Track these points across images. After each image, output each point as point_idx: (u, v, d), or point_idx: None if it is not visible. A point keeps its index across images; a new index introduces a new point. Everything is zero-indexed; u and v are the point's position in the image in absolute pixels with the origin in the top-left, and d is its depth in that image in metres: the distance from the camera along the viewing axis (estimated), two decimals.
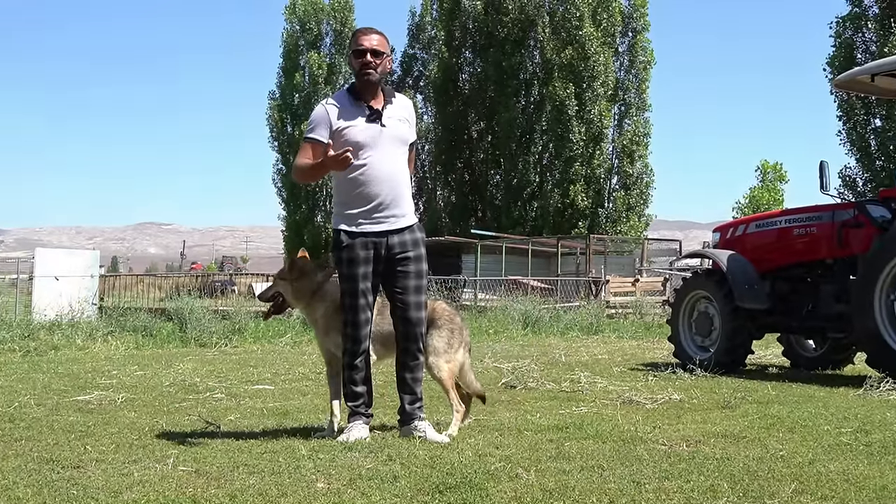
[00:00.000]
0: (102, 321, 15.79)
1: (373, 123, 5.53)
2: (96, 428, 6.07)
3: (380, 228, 5.54)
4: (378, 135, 5.52)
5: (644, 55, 43.09)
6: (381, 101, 5.61)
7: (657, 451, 5.09)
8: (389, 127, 5.56)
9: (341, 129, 5.51)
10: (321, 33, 52.34)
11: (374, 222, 5.54)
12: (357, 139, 5.49)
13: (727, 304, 10.14)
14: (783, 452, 5.08)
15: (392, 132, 5.57)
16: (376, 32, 5.66)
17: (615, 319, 20.98)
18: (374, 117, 5.54)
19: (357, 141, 5.48)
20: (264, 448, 5.15)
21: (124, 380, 9.28)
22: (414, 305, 5.57)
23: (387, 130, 5.55)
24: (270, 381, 9.29)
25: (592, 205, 41.92)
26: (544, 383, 8.62)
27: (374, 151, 5.50)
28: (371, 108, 5.56)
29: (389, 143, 5.55)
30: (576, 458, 4.85)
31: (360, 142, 5.49)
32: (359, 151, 5.47)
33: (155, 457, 4.93)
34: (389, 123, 5.57)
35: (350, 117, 5.54)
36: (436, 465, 4.64)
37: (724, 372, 9.65)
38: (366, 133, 5.51)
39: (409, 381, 5.61)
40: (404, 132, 5.65)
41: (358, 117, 5.54)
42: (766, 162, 50.98)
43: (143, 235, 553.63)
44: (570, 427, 5.97)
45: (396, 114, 5.63)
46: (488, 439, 5.52)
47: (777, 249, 10.33)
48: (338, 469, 4.56)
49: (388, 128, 5.55)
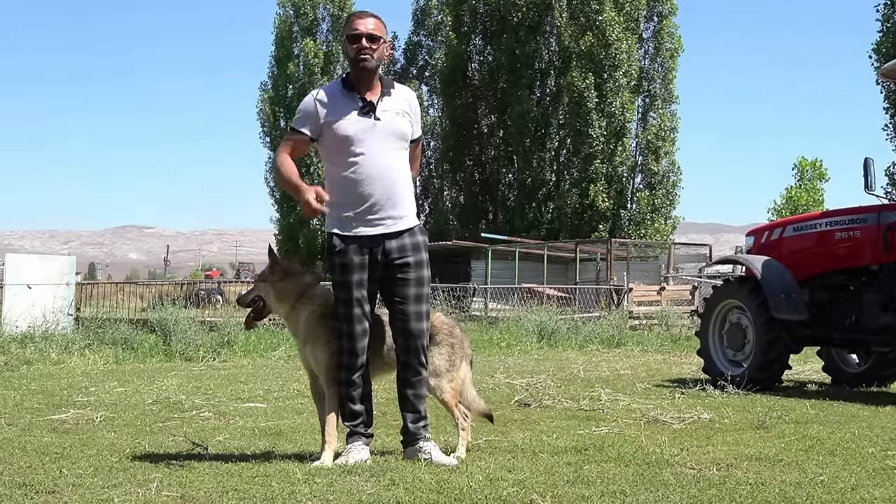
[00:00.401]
0: (79, 333, 15.80)
1: (366, 117, 5.53)
2: (73, 449, 6.09)
3: (375, 232, 5.54)
4: (371, 129, 5.52)
5: (671, 42, 43.07)
6: (378, 93, 5.61)
7: (685, 476, 5.09)
8: (384, 120, 5.56)
9: (331, 123, 5.53)
10: (317, 19, 52.48)
11: (368, 225, 5.54)
12: (347, 133, 5.50)
13: (762, 315, 10.12)
14: (823, 477, 5.08)
15: (387, 126, 5.56)
16: (372, 16, 5.66)
17: (639, 331, 20.96)
18: (368, 110, 5.54)
19: (347, 135, 5.50)
20: (256, 471, 5.16)
21: (103, 397, 9.29)
22: (415, 316, 5.56)
23: (381, 124, 5.55)
24: (262, 398, 9.30)
25: (614, 206, 41.91)
26: (561, 401, 8.62)
27: (366, 147, 5.50)
28: (364, 99, 5.56)
29: (384, 139, 5.55)
30: (596, 483, 4.86)
31: (350, 136, 5.50)
32: (350, 147, 5.50)
33: (137, 481, 4.94)
34: (385, 117, 5.56)
35: (341, 109, 5.55)
36: (443, 490, 4.65)
37: (758, 389, 9.63)
38: (357, 127, 5.51)
39: (411, 398, 5.61)
40: (402, 126, 5.64)
41: (350, 110, 5.55)
42: (805, 159, 50.97)
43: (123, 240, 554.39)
44: (589, 449, 5.98)
45: (394, 106, 5.63)
46: (500, 462, 5.53)
47: (817, 255, 10.32)
48: (336, 494, 4.57)
49: (382, 121, 5.55)
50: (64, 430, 7.06)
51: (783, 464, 5.52)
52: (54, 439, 6.56)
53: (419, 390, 5.61)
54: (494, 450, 6.02)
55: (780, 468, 5.39)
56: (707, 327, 10.85)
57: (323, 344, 5.60)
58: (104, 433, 6.91)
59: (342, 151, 5.52)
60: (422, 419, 5.61)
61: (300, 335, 5.77)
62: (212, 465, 5.40)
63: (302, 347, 5.79)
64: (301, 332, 5.74)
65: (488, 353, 15.58)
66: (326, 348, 5.59)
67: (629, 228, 41.87)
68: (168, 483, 4.87)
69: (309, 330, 5.69)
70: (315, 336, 5.64)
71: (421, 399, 5.62)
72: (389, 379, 6.06)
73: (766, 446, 6.17)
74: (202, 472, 5.19)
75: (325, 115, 5.55)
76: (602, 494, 4.60)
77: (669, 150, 42.82)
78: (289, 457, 5.68)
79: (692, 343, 14.12)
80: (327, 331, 5.61)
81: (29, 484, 4.88)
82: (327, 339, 5.60)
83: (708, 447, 6.15)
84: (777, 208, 49.70)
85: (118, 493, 4.62)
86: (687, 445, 6.19)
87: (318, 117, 5.57)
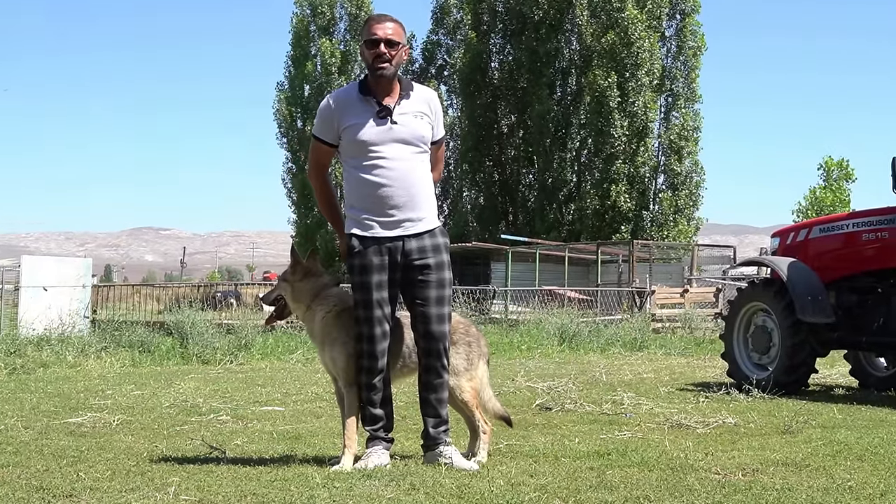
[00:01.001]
0: (95, 336, 15.88)
1: (382, 121, 5.55)
2: (90, 453, 6.12)
3: (394, 233, 5.55)
4: (388, 133, 5.54)
5: (694, 40, 42.97)
6: (395, 96, 5.62)
7: (710, 481, 5.08)
8: (402, 124, 5.57)
9: (348, 128, 5.57)
10: (334, 18, 52.53)
11: (387, 227, 5.55)
12: (364, 138, 5.53)
13: (787, 318, 10.08)
14: (851, 483, 5.06)
15: (405, 130, 5.57)
16: (391, 20, 5.66)
17: (662, 334, 20.91)
18: (384, 114, 5.56)
19: (364, 140, 5.52)
20: (274, 476, 5.17)
21: (120, 400, 9.34)
22: (436, 318, 5.56)
23: (398, 128, 5.56)
24: (280, 401, 9.32)
25: (636, 207, 41.84)
26: (583, 405, 8.61)
27: (384, 151, 5.52)
28: (381, 104, 5.58)
29: (402, 142, 5.56)
30: (619, 489, 4.85)
31: (367, 141, 5.52)
32: (367, 152, 5.52)
33: (154, 485, 4.96)
34: (402, 120, 5.57)
35: (357, 114, 5.57)
36: (464, 495, 4.65)
37: (784, 393, 9.60)
38: (374, 132, 5.53)
39: (432, 401, 5.61)
40: (420, 129, 5.64)
41: (366, 114, 5.56)
42: (831, 159, 50.67)
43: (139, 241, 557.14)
44: (612, 454, 5.97)
45: (412, 109, 5.63)
46: (522, 467, 5.52)
47: (844, 256, 10.27)
48: (356, 499, 4.57)
49: (399, 125, 5.56)
50: (81, 434, 7.10)
51: (810, 469, 5.50)
52: (71, 443, 6.60)
53: (440, 394, 5.61)
54: (516, 454, 6.02)
55: (806, 473, 5.37)
56: (732, 330, 10.82)
57: (340, 345, 5.61)
58: (121, 436, 6.94)
59: (360, 156, 5.54)
60: (443, 423, 5.61)
61: (317, 337, 5.79)
62: (230, 469, 5.41)
63: (320, 350, 5.81)
64: (318, 334, 5.76)
65: (509, 356, 15.57)
66: (343, 350, 5.60)
67: (651, 230, 41.79)
68: (186, 487, 4.88)
69: (325, 331, 5.70)
70: (332, 338, 5.65)
71: (442, 403, 5.62)
72: (408, 382, 6.06)
73: (793, 451, 6.15)
74: (220, 476, 5.20)
75: (342, 120, 5.59)
76: (625, 500, 4.59)
77: (692, 150, 42.68)
78: (307, 461, 5.69)
79: (716, 346, 14.09)
80: (344, 332, 5.62)
81: (46, 487, 4.91)
82: (344, 341, 5.61)
83: (733, 452, 6.13)
84: (802, 209, 49.46)
85: (136, 497, 4.64)
86: (712, 450, 6.17)
87: (336, 124, 5.61)
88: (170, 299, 26.89)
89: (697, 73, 43.12)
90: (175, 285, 36.31)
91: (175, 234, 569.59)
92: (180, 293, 27.64)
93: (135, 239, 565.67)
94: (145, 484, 5.01)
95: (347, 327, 5.62)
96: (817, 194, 49.44)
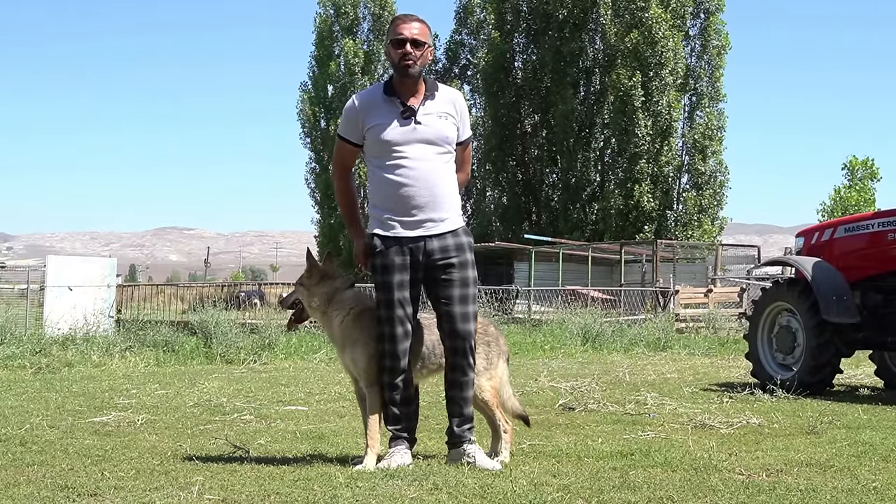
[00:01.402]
0: (120, 335, 15.97)
1: (406, 122, 5.58)
2: (114, 452, 6.16)
3: (416, 233, 5.57)
4: (412, 134, 5.57)
5: (718, 39, 42.79)
6: (420, 97, 5.64)
7: (733, 482, 5.07)
8: (425, 124, 5.59)
9: (372, 129, 5.60)
10: (357, 18, 52.57)
11: (409, 227, 5.57)
12: (388, 139, 5.56)
13: (812, 318, 10.05)
14: (876, 483, 5.04)
15: (428, 130, 5.59)
16: (417, 20, 5.69)
17: (685, 334, 20.86)
18: (408, 115, 5.58)
19: (388, 140, 5.56)
20: (298, 475, 5.19)
21: (144, 399, 9.39)
22: (461, 317, 5.57)
23: (422, 128, 5.58)
24: (304, 401, 9.35)
25: (660, 206, 41.72)
26: (606, 405, 8.60)
27: (407, 152, 5.55)
28: (405, 104, 5.60)
29: (425, 143, 5.58)
30: (642, 489, 4.84)
31: (391, 141, 5.56)
32: (391, 152, 5.56)
33: (178, 484, 4.99)
34: (426, 121, 5.60)
35: (381, 115, 5.61)
36: (486, 495, 4.66)
37: (808, 393, 9.57)
38: (398, 132, 5.56)
39: (458, 400, 5.62)
40: (444, 129, 5.65)
41: (390, 115, 5.59)
42: (855, 158, 50.34)
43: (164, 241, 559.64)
44: (635, 454, 5.97)
45: (437, 109, 5.65)
46: (544, 467, 5.53)
47: (869, 256, 10.23)
48: (378, 499, 4.59)
49: (423, 125, 5.58)
50: (105, 433, 7.14)
51: (834, 470, 5.48)
52: (96, 442, 6.64)
53: (465, 392, 5.62)
54: (539, 454, 6.02)
55: (831, 474, 5.35)
56: (756, 330, 10.79)
57: (361, 346, 5.63)
58: (145, 436, 6.98)
59: (383, 156, 5.58)
60: (467, 422, 5.62)
61: (336, 339, 5.80)
62: (253, 468, 5.43)
63: (340, 352, 5.82)
64: (337, 337, 5.77)
65: (532, 356, 15.57)
66: (364, 351, 5.61)
67: (675, 229, 41.65)
68: (210, 486, 4.91)
69: (345, 333, 5.71)
70: (353, 339, 5.67)
71: (467, 401, 5.63)
72: (431, 382, 6.07)
73: (817, 452, 6.13)
74: (244, 475, 5.23)
75: (367, 121, 5.63)
76: (649, 500, 4.59)
77: (717, 150, 42.50)
78: (331, 460, 5.71)
79: (740, 346, 14.04)
80: (364, 333, 5.64)
81: (71, 486, 4.94)
82: (364, 342, 5.62)
83: (757, 453, 6.12)
84: (827, 209, 49.18)
85: (160, 497, 4.67)
86: (735, 451, 6.16)
87: (360, 124, 5.65)
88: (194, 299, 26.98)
89: (721, 72, 42.94)
90: (199, 285, 36.44)
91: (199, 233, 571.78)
92: (204, 293, 27.75)
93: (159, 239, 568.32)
94: (169, 483, 5.04)
95: (367, 328, 5.64)
96: (842, 194, 49.16)
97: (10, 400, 9.22)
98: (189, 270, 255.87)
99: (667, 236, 39.60)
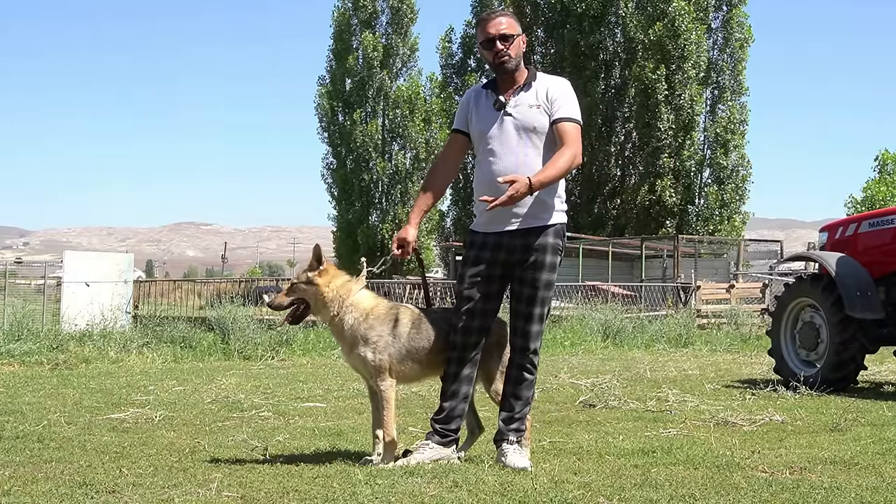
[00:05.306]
0: (137, 331, 16.04)
1: (496, 113, 5.67)
2: (132, 449, 6.19)
3: (500, 228, 5.62)
4: (500, 126, 5.65)
5: (741, 31, 42.55)
6: (515, 89, 5.69)
7: (756, 480, 5.06)
8: (515, 116, 5.64)
9: (472, 121, 5.77)
10: (376, 11, 52.45)
11: (494, 221, 5.61)
12: (480, 130, 5.71)
13: (836, 314, 10.01)
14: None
15: (517, 122, 5.63)
16: (502, 14, 5.79)
17: (707, 330, 20.81)
18: (499, 107, 5.68)
19: (480, 131, 5.71)
20: (316, 472, 5.21)
21: (162, 396, 9.43)
22: (524, 316, 5.62)
23: (510, 120, 5.63)
24: (322, 398, 9.37)
25: (682, 201, 41.57)
26: (627, 402, 8.60)
27: (496, 145, 5.64)
28: (497, 96, 5.69)
29: (514, 135, 5.62)
30: (664, 487, 4.84)
31: (482, 133, 5.70)
32: (484, 145, 5.68)
33: (197, 481, 5.01)
34: (516, 112, 5.64)
35: (479, 108, 5.77)
36: (507, 493, 4.66)
37: (832, 390, 9.55)
38: (488, 124, 5.68)
39: (508, 396, 5.67)
40: (532, 119, 5.63)
41: (486, 108, 5.73)
42: (887, 151, 50.07)
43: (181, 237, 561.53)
44: (657, 451, 5.96)
45: (527, 100, 5.67)
46: (565, 464, 5.53)
47: (894, 251, 10.18)
48: (398, 496, 4.59)
49: (512, 117, 5.63)
50: (123, 430, 7.18)
51: (859, 467, 5.47)
52: (114, 438, 6.68)
53: (517, 390, 5.64)
54: (559, 452, 6.03)
55: (855, 472, 5.33)
56: (779, 326, 10.76)
57: (371, 345, 5.62)
58: (163, 432, 7.01)
59: (479, 149, 5.73)
60: (513, 420, 5.62)
61: (345, 340, 5.74)
62: (272, 465, 5.46)
63: (348, 352, 5.77)
64: (347, 337, 5.72)
65: (552, 352, 15.56)
66: (374, 349, 5.60)
67: (697, 224, 41.48)
68: (228, 483, 4.93)
69: (356, 334, 5.68)
70: (365, 339, 5.65)
71: (518, 400, 5.63)
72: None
73: (841, 449, 6.11)
74: (262, 472, 5.25)
75: (470, 113, 5.79)
76: (671, 498, 4.58)
77: (739, 144, 42.27)
78: (349, 457, 5.73)
79: (763, 342, 14.01)
80: (374, 333, 5.63)
81: (89, 483, 4.97)
82: (374, 341, 5.62)
83: (780, 450, 6.11)
84: (854, 203, 48.94)
85: (178, 493, 4.68)
86: (758, 448, 6.15)
87: (466, 116, 5.82)
88: (211, 295, 27.04)
89: (744, 65, 42.68)
90: (216, 280, 36.51)
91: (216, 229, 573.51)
92: (221, 288, 27.82)
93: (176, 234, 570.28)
94: (188, 480, 5.06)
95: (378, 329, 5.65)
96: (871, 188, 48.90)
97: (28, 396, 9.27)
98: (206, 266, 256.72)
99: (688, 231, 39.48)
